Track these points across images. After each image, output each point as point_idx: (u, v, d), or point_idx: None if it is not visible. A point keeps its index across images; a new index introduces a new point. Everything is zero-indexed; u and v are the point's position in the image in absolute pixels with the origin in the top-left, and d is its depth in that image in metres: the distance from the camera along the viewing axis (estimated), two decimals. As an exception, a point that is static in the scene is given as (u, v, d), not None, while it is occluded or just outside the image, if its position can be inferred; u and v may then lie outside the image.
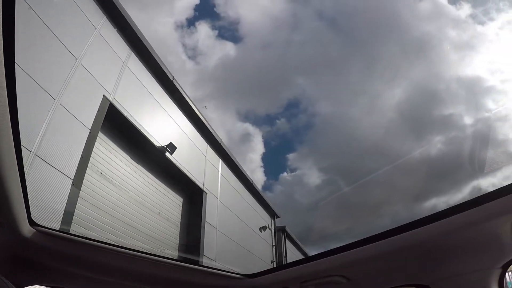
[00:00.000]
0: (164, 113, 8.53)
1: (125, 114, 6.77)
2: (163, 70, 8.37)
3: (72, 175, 5.08)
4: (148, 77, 8.00)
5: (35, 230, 1.46)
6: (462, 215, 1.24)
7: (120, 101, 6.62)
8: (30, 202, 1.39)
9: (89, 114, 5.72)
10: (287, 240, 17.27)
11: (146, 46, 7.67)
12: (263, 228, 14.37)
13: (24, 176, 1.28)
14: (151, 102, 8.02)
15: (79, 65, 5.50)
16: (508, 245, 1.30)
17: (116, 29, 6.81)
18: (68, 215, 4.89)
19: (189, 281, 1.66)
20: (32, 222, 1.46)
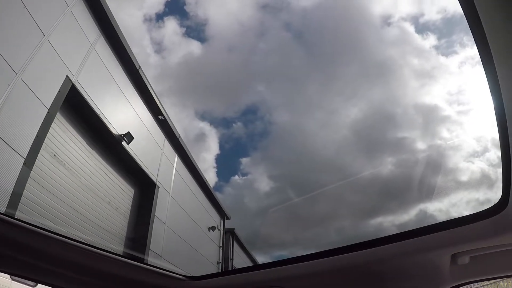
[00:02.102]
0: (125, 102, 8.33)
1: (86, 97, 6.55)
2: (130, 58, 8.19)
3: (25, 154, 4.85)
4: (114, 63, 7.79)
5: None
6: (407, 243, 1.33)
7: (83, 84, 6.40)
8: None
9: (50, 93, 5.48)
10: (235, 243, 17.37)
11: (116, 31, 7.47)
12: (212, 228, 14.40)
13: None
14: (113, 88, 7.80)
15: (46, 41, 5.27)
16: (446, 274, 1.44)
17: (88, 10, 6.59)
18: (16, 196, 4.66)
19: (132, 278, 1.61)
20: None
